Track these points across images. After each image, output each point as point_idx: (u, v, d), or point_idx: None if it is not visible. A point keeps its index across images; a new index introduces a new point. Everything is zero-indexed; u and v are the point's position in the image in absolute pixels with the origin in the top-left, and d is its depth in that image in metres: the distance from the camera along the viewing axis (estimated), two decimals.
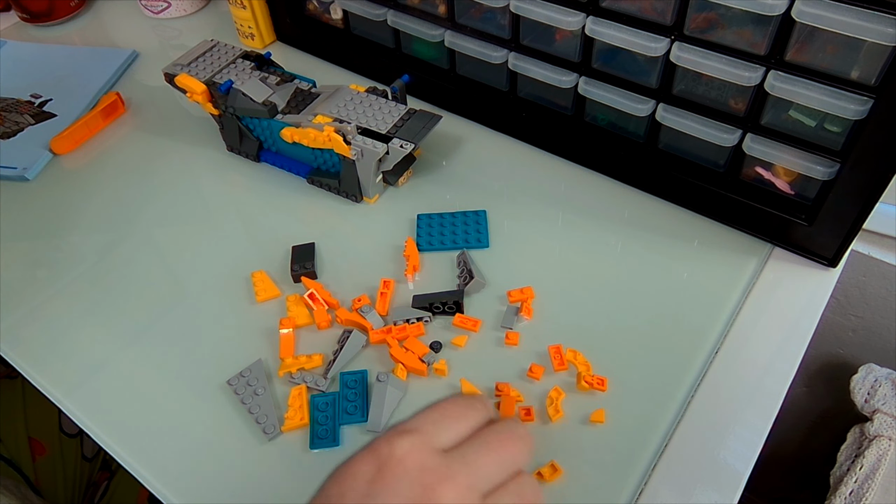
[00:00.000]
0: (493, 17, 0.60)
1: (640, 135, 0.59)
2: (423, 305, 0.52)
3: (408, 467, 0.30)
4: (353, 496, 0.30)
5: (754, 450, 0.45)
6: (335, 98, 0.60)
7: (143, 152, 0.69)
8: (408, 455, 0.31)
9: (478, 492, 0.31)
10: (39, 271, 0.59)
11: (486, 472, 0.32)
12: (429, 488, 0.30)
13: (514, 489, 0.32)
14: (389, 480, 0.30)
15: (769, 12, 0.44)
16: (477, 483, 0.31)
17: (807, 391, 0.87)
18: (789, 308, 0.53)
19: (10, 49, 0.85)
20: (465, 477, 0.31)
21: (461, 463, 0.31)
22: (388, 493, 0.30)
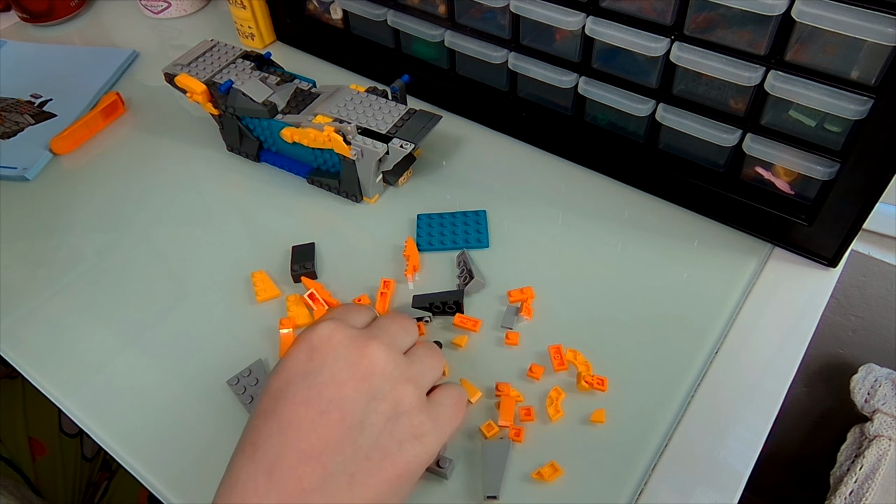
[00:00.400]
0: (493, 17, 0.60)
1: (640, 135, 0.59)
2: (423, 305, 0.52)
3: (336, 340, 0.36)
4: (297, 378, 0.35)
5: (754, 450, 0.45)
6: (335, 98, 0.60)
7: (143, 152, 0.69)
8: (333, 333, 0.36)
9: (398, 348, 0.38)
10: (39, 271, 0.59)
11: (399, 336, 0.39)
12: (360, 349, 0.35)
13: (422, 350, 0.40)
14: (325, 353, 0.35)
15: (769, 12, 0.44)
16: (394, 342, 0.38)
17: (807, 391, 0.87)
18: (789, 308, 0.53)
19: (10, 49, 0.85)
20: (385, 337, 0.37)
21: (377, 330, 0.38)
22: (327, 362, 0.35)
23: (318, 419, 0.33)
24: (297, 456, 0.32)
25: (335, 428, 0.33)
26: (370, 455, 0.33)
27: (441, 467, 0.43)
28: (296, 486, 0.32)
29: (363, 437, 0.33)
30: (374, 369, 0.35)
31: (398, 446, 0.34)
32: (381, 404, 0.34)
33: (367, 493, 0.33)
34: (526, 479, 0.43)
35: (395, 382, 0.35)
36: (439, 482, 0.44)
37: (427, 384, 0.38)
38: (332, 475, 0.32)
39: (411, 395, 0.35)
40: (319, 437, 0.33)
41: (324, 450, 0.33)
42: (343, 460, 0.33)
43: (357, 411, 0.34)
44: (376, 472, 0.33)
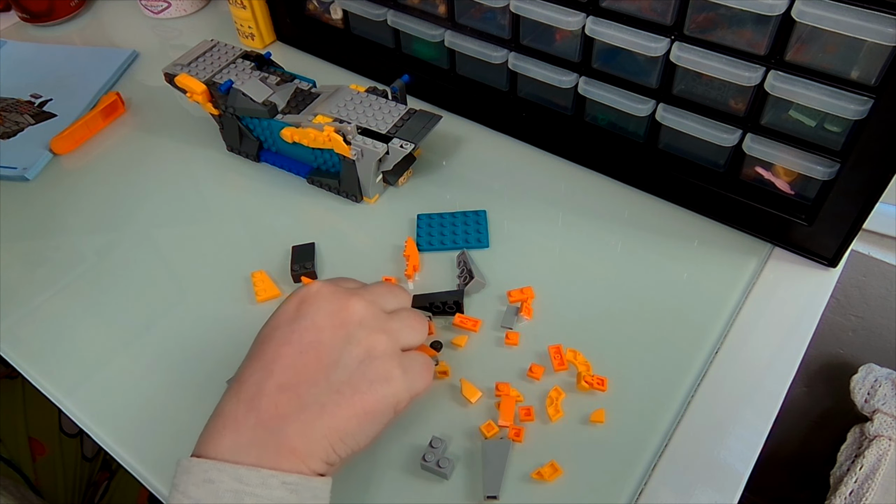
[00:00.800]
0: (493, 17, 0.60)
1: (640, 135, 0.59)
2: (424, 305, 0.52)
3: (322, 294, 0.40)
4: (283, 324, 0.39)
5: (754, 450, 0.45)
6: (335, 98, 0.60)
7: (143, 152, 0.69)
8: (322, 288, 0.40)
9: (378, 306, 0.41)
10: (39, 271, 0.59)
11: (384, 298, 0.42)
12: (342, 301, 0.39)
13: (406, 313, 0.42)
14: (310, 304, 0.39)
15: (769, 12, 0.44)
16: (377, 300, 0.41)
17: (807, 391, 0.87)
18: (789, 308, 0.53)
19: (10, 49, 0.85)
20: (368, 294, 0.41)
21: (363, 290, 0.42)
22: (310, 311, 0.39)
23: (297, 357, 0.37)
24: (276, 387, 0.36)
25: (312, 365, 0.37)
26: (341, 390, 0.37)
27: (441, 467, 0.43)
28: (273, 411, 0.36)
29: (336, 374, 0.37)
30: (351, 318, 0.39)
31: (368, 385, 0.37)
32: (355, 348, 0.38)
33: (335, 421, 0.36)
34: (526, 479, 0.43)
35: (371, 331, 0.39)
36: (439, 482, 0.44)
37: (404, 341, 0.41)
38: (306, 404, 0.36)
39: (384, 344, 0.39)
40: (297, 372, 0.37)
41: (300, 382, 0.37)
42: (317, 392, 0.36)
43: (333, 352, 0.38)
44: (346, 404, 0.37)
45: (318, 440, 0.36)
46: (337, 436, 0.36)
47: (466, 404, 0.47)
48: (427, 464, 0.44)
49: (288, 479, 0.35)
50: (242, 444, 0.35)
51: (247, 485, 0.34)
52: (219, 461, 0.35)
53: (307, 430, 0.36)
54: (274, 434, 0.35)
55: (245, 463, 0.35)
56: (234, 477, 0.34)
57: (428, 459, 0.44)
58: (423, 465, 0.44)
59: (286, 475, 0.35)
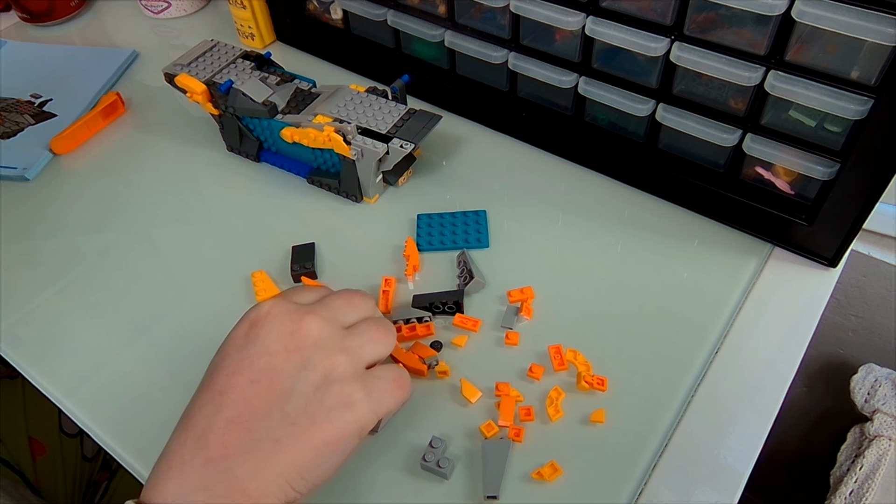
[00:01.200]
0: (493, 17, 0.60)
1: (640, 135, 0.59)
2: (424, 305, 0.52)
3: (273, 314, 0.37)
4: (232, 351, 0.36)
5: (754, 450, 0.45)
6: (335, 98, 0.60)
7: (143, 152, 0.69)
8: (272, 308, 0.37)
9: (337, 322, 0.38)
10: (39, 271, 0.59)
11: (342, 311, 0.39)
12: (295, 322, 0.36)
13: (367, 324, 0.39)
14: (262, 326, 0.36)
15: (769, 12, 0.44)
16: (335, 316, 0.38)
17: (807, 391, 0.87)
18: (789, 308, 0.53)
19: (10, 49, 0.85)
20: (325, 310, 0.38)
21: (319, 305, 0.38)
22: (262, 335, 0.36)
23: (248, 388, 0.34)
24: (225, 422, 0.34)
25: (264, 395, 0.34)
26: (297, 421, 0.34)
27: (441, 467, 0.43)
28: (221, 451, 0.33)
29: (291, 404, 0.34)
30: (306, 341, 0.36)
31: (326, 413, 0.35)
32: (311, 373, 0.35)
33: (291, 456, 0.33)
34: (526, 479, 0.43)
35: (328, 353, 0.36)
36: (439, 482, 0.44)
37: (367, 357, 0.38)
38: (258, 440, 0.33)
39: (343, 365, 0.36)
40: (247, 404, 0.34)
41: (251, 416, 0.34)
42: (269, 426, 0.34)
43: (287, 379, 0.35)
44: (302, 437, 0.34)
45: (272, 479, 0.33)
46: (294, 472, 0.34)
47: (466, 404, 0.47)
48: (427, 464, 0.44)
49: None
50: (189, 489, 0.33)
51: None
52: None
53: (260, 470, 0.33)
54: (223, 475, 0.33)
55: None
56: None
57: (428, 459, 0.44)
58: (423, 465, 0.44)
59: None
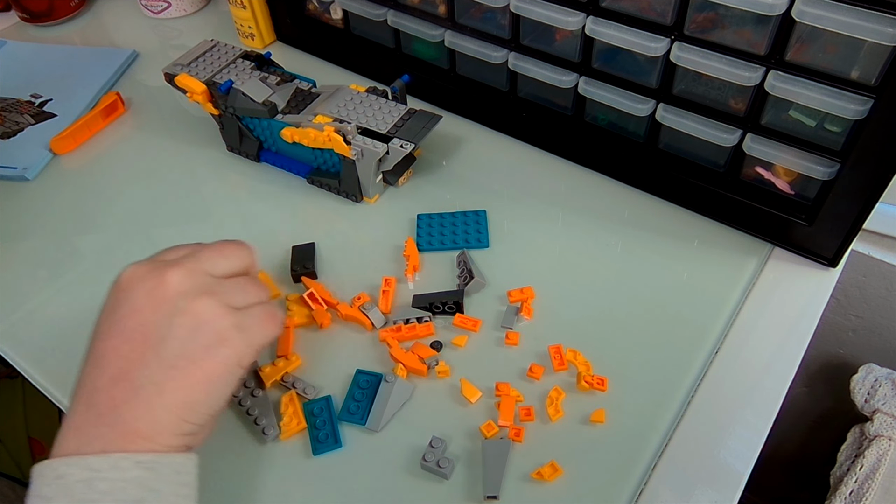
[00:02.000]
0: (493, 17, 0.60)
1: (640, 135, 0.59)
2: (424, 305, 0.52)
3: (137, 275, 0.38)
4: (104, 319, 0.38)
5: (754, 450, 0.45)
6: (335, 98, 0.60)
7: (142, 152, 0.69)
8: (135, 270, 0.39)
9: (202, 271, 0.38)
10: (39, 271, 0.59)
11: (211, 262, 0.39)
12: (157, 277, 0.37)
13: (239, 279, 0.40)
14: (126, 289, 0.38)
15: (769, 12, 0.44)
16: (201, 266, 0.39)
17: (807, 391, 0.87)
18: (789, 308, 0.53)
19: (10, 49, 0.85)
20: (190, 262, 0.38)
21: (185, 258, 0.39)
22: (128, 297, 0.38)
23: (123, 346, 0.36)
24: (109, 381, 0.36)
25: (139, 348, 0.36)
26: (176, 364, 0.36)
27: (441, 467, 0.43)
28: (110, 405, 0.35)
29: (167, 349, 0.36)
30: (169, 291, 0.37)
31: (204, 351, 0.37)
32: (181, 318, 0.37)
33: (177, 396, 0.36)
34: (526, 479, 0.43)
35: (194, 298, 0.37)
36: (439, 482, 0.44)
37: (235, 301, 0.39)
38: (140, 387, 0.36)
39: (212, 307, 0.37)
40: (125, 359, 0.36)
41: (130, 369, 0.36)
42: (149, 373, 0.36)
43: (158, 329, 0.36)
44: (184, 376, 0.36)
45: (162, 417, 0.36)
46: (183, 407, 0.36)
47: (466, 404, 0.47)
48: (427, 464, 0.44)
49: (142, 459, 0.35)
50: (86, 441, 0.35)
51: (97, 471, 0.34)
52: (67, 456, 0.35)
53: (148, 411, 0.35)
54: (114, 424, 0.35)
55: (93, 453, 0.34)
56: (84, 467, 0.34)
57: (428, 459, 0.44)
58: (423, 465, 0.44)
59: (139, 455, 0.35)
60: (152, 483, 0.35)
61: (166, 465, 0.35)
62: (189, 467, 0.37)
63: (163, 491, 0.35)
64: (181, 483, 0.36)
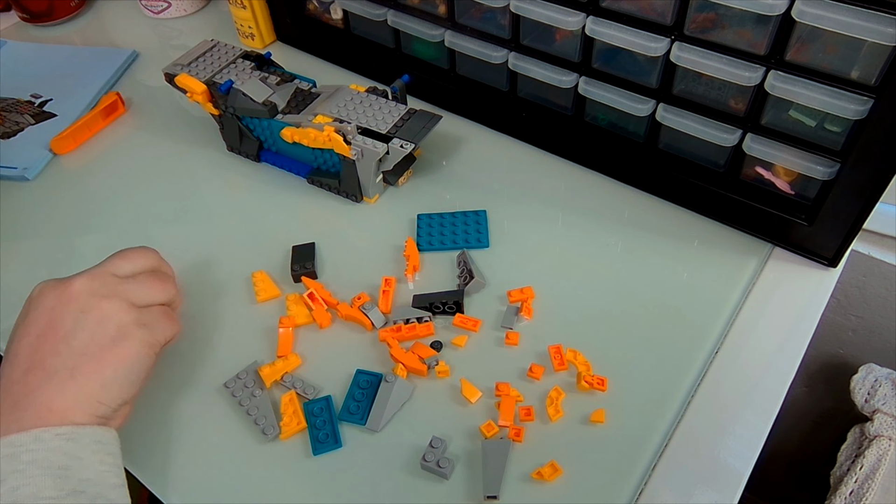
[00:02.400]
0: (493, 17, 0.60)
1: (640, 135, 0.59)
2: (424, 305, 0.52)
3: (47, 285, 0.42)
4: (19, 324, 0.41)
5: (754, 450, 0.45)
6: (335, 98, 0.60)
7: (143, 152, 0.69)
8: (44, 284, 0.43)
9: (106, 274, 0.43)
10: (39, 271, 0.59)
11: (115, 266, 0.44)
12: (66, 284, 0.42)
13: (146, 276, 0.45)
14: (37, 298, 0.42)
15: (769, 12, 0.44)
16: (106, 270, 0.43)
17: (807, 391, 0.87)
18: (789, 308, 0.53)
19: (10, 49, 0.85)
20: (95, 269, 0.43)
21: (95, 268, 0.44)
22: (39, 301, 0.42)
23: (36, 341, 0.40)
24: (22, 373, 0.39)
25: (50, 340, 0.40)
26: (86, 351, 0.40)
27: (441, 467, 0.43)
28: (24, 391, 0.38)
29: (77, 339, 0.40)
30: (75, 292, 0.41)
31: (111, 342, 0.41)
32: (89, 314, 0.41)
33: (90, 378, 0.39)
34: (526, 479, 0.43)
35: (100, 298, 0.41)
36: (439, 482, 0.44)
37: (138, 299, 0.43)
38: (54, 373, 0.39)
39: (116, 306, 0.42)
40: (38, 351, 0.40)
41: (43, 358, 0.39)
42: (62, 360, 0.39)
43: (67, 323, 0.40)
44: (95, 361, 0.40)
45: (76, 397, 0.39)
46: (97, 388, 0.39)
47: (466, 404, 0.47)
48: (427, 464, 0.44)
49: (61, 431, 0.37)
50: (5, 426, 0.37)
51: (20, 446, 0.36)
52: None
53: (61, 392, 0.39)
54: (28, 406, 0.38)
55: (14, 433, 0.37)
56: (7, 444, 0.36)
57: (428, 459, 0.44)
58: (423, 465, 0.44)
59: (58, 427, 0.37)
60: (75, 451, 0.37)
61: (86, 436, 0.38)
62: (109, 438, 0.40)
63: (86, 458, 0.38)
64: (104, 452, 0.39)
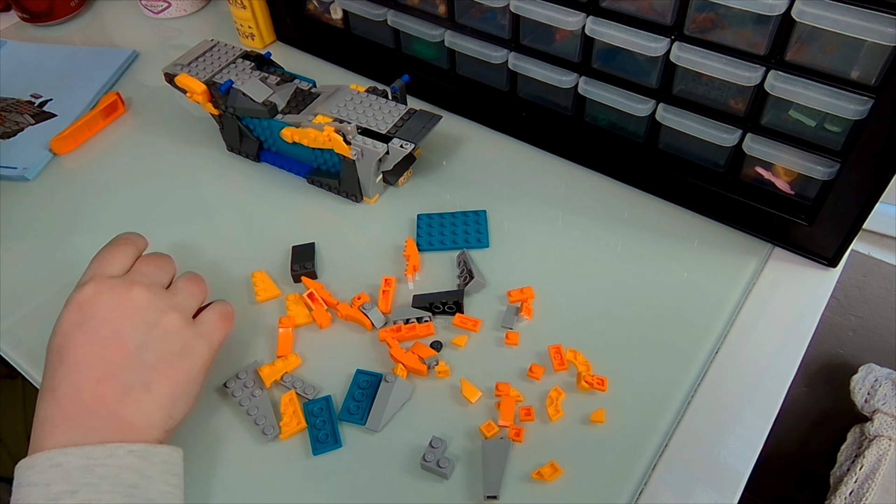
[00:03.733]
0: (493, 17, 0.60)
1: (640, 135, 0.59)
2: (424, 305, 0.52)
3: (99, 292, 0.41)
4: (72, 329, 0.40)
5: (754, 450, 0.45)
6: (335, 98, 0.60)
7: (143, 152, 0.69)
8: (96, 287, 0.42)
9: (157, 285, 0.44)
10: (39, 271, 0.59)
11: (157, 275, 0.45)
12: (123, 294, 0.42)
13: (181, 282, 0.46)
14: (93, 305, 0.41)
15: (769, 12, 0.44)
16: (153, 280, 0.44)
17: (807, 391, 0.87)
18: (789, 308, 0.53)
19: (10, 49, 0.85)
20: (144, 278, 0.43)
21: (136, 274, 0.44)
22: (97, 311, 0.41)
23: (103, 351, 0.40)
24: (94, 381, 0.39)
25: (119, 353, 0.40)
26: (156, 366, 0.41)
27: (441, 467, 0.43)
28: (99, 402, 0.39)
29: (146, 354, 0.41)
30: (138, 304, 0.42)
31: (177, 357, 0.42)
32: (153, 329, 0.42)
33: (163, 393, 0.41)
34: (526, 479, 0.43)
35: (161, 312, 0.42)
36: (439, 482, 0.44)
37: (191, 308, 0.45)
38: (130, 386, 0.40)
39: (177, 320, 0.43)
40: (108, 363, 0.40)
41: (115, 371, 0.40)
42: (136, 374, 0.40)
43: (134, 337, 0.41)
44: (166, 376, 0.41)
45: (153, 412, 0.40)
46: (168, 403, 0.41)
47: (466, 404, 0.47)
48: (427, 464, 0.44)
49: (134, 448, 0.38)
50: (81, 434, 0.38)
51: (95, 459, 0.37)
52: (62, 448, 0.37)
53: (141, 407, 0.40)
54: (108, 418, 0.39)
55: (90, 444, 0.37)
56: (82, 455, 0.37)
57: (428, 459, 0.44)
58: (423, 465, 0.44)
59: (131, 444, 0.38)
60: (144, 470, 0.38)
61: (156, 455, 0.39)
62: (176, 458, 0.40)
63: (154, 478, 0.38)
64: (170, 472, 0.39)
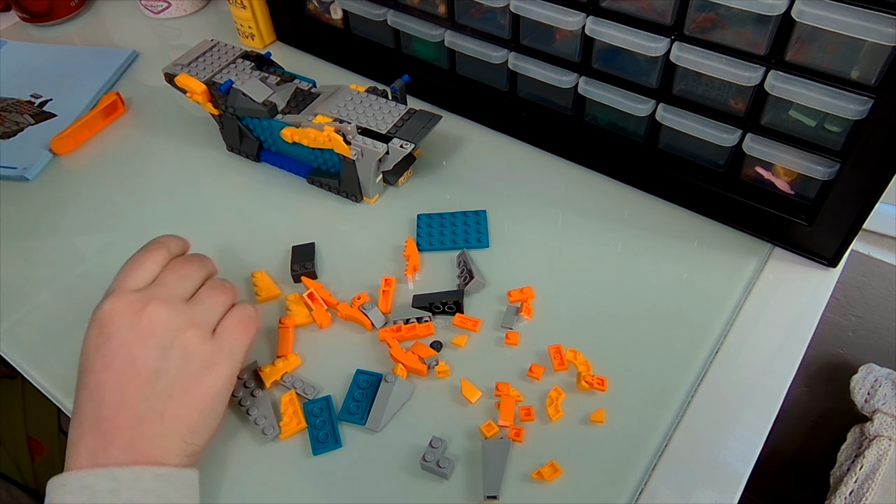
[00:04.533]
0: (493, 17, 0.60)
1: (640, 135, 0.59)
2: (424, 305, 0.52)
3: (117, 310, 0.40)
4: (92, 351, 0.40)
5: (754, 450, 0.45)
6: (335, 98, 0.60)
7: (143, 152, 0.69)
8: (114, 304, 0.40)
9: (177, 299, 0.42)
10: (39, 271, 0.59)
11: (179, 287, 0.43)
12: (139, 313, 0.40)
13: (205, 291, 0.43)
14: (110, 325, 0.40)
15: (769, 12, 0.44)
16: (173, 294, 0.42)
17: (807, 391, 0.87)
18: (789, 308, 0.53)
19: (10, 49, 0.85)
20: (164, 292, 0.42)
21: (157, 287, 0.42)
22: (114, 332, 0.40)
23: (119, 378, 0.39)
24: (110, 411, 0.39)
25: (135, 381, 0.39)
26: (172, 393, 0.39)
27: (441, 467, 0.43)
28: (116, 432, 0.38)
29: (161, 381, 0.39)
30: (154, 325, 0.40)
31: (195, 379, 0.40)
32: (170, 352, 0.40)
33: (178, 422, 0.39)
34: (526, 479, 0.43)
35: (178, 330, 0.40)
36: (439, 482, 0.44)
37: (212, 321, 0.43)
38: (143, 416, 0.39)
39: (196, 337, 0.41)
40: (123, 391, 0.39)
41: (130, 400, 0.39)
42: (149, 404, 0.39)
43: (150, 363, 0.39)
44: (181, 404, 0.40)
45: (168, 442, 0.39)
46: (185, 431, 0.40)
47: (466, 404, 0.47)
48: (427, 464, 0.44)
49: (160, 472, 0.38)
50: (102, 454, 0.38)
51: (121, 482, 0.37)
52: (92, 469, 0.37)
53: (154, 438, 0.39)
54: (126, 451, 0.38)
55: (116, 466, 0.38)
56: (109, 477, 0.37)
57: (428, 459, 0.44)
58: (423, 465, 0.44)
59: (157, 468, 0.38)
60: (168, 494, 0.38)
61: (179, 479, 0.39)
62: (195, 482, 0.40)
63: (175, 502, 0.38)
64: (191, 496, 0.39)
